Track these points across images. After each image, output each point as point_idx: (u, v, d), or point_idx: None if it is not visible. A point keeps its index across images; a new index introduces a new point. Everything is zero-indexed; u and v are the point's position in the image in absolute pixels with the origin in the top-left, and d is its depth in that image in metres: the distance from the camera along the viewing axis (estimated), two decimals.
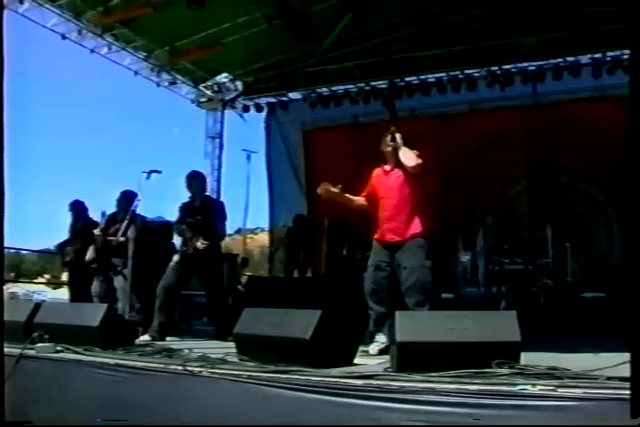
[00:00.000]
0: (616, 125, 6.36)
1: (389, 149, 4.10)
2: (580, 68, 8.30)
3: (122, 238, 5.41)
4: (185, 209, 5.17)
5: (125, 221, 5.35)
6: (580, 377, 2.30)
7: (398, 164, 4.07)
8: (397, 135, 4.03)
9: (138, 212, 5.44)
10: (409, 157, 3.94)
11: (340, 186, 4.16)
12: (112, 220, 5.75)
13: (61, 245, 6.83)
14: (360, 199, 4.30)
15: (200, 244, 4.83)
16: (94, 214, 6.59)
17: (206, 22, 7.97)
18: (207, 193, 5.70)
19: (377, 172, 4.26)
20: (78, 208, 6.76)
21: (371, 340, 3.89)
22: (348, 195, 4.26)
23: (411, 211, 4.00)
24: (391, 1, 7.78)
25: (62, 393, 3.10)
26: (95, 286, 5.83)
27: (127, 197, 5.58)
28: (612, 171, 7.87)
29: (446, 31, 8.16)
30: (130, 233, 5.26)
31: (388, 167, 4.18)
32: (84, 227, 6.44)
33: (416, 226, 3.98)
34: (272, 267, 10.64)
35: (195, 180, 5.21)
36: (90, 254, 5.95)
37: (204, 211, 5.05)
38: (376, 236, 4.12)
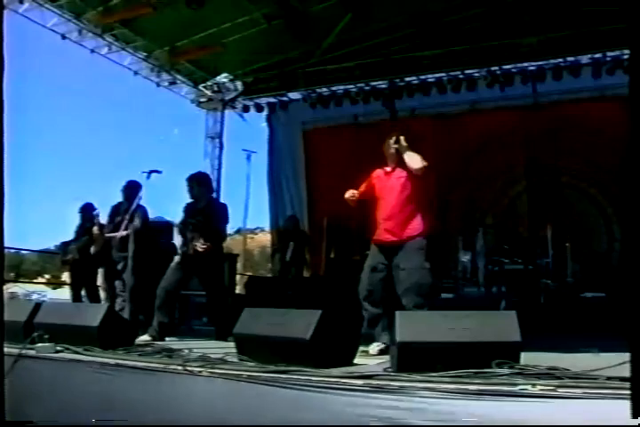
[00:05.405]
0: (616, 125, 6.33)
1: (392, 150, 4.10)
2: (580, 68, 8.32)
3: (124, 233, 5.35)
4: (188, 210, 5.15)
5: (129, 213, 5.30)
6: (580, 377, 2.29)
7: (400, 165, 4.06)
8: (401, 138, 4.05)
9: (141, 204, 5.41)
10: (415, 161, 3.96)
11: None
12: (115, 211, 5.75)
13: (64, 244, 6.85)
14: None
15: (200, 246, 4.83)
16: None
17: (206, 22, 7.98)
18: (213, 194, 5.62)
19: (377, 172, 4.24)
20: (88, 211, 6.77)
21: (369, 340, 3.87)
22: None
23: (410, 212, 3.99)
24: (391, 1, 7.80)
25: (62, 393, 3.09)
26: (101, 281, 5.88)
27: (132, 187, 5.56)
28: (612, 171, 7.88)
29: (446, 31, 8.17)
30: (131, 228, 5.20)
31: (388, 168, 4.17)
32: (90, 228, 6.46)
33: (414, 227, 3.97)
34: (273, 267, 10.64)
35: (195, 183, 5.12)
36: (93, 250, 5.98)
37: (207, 212, 5.02)
38: (374, 236, 4.11)
